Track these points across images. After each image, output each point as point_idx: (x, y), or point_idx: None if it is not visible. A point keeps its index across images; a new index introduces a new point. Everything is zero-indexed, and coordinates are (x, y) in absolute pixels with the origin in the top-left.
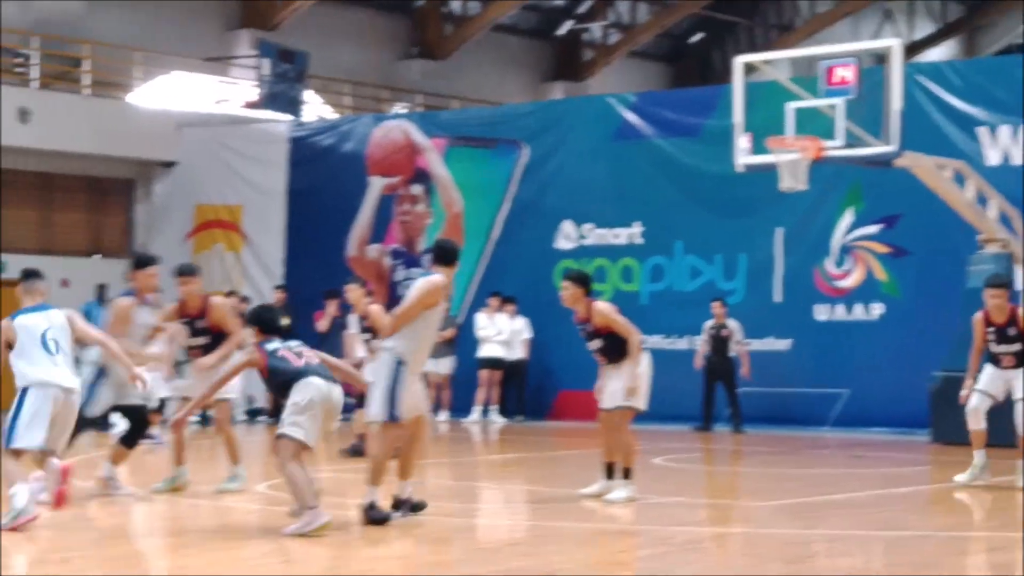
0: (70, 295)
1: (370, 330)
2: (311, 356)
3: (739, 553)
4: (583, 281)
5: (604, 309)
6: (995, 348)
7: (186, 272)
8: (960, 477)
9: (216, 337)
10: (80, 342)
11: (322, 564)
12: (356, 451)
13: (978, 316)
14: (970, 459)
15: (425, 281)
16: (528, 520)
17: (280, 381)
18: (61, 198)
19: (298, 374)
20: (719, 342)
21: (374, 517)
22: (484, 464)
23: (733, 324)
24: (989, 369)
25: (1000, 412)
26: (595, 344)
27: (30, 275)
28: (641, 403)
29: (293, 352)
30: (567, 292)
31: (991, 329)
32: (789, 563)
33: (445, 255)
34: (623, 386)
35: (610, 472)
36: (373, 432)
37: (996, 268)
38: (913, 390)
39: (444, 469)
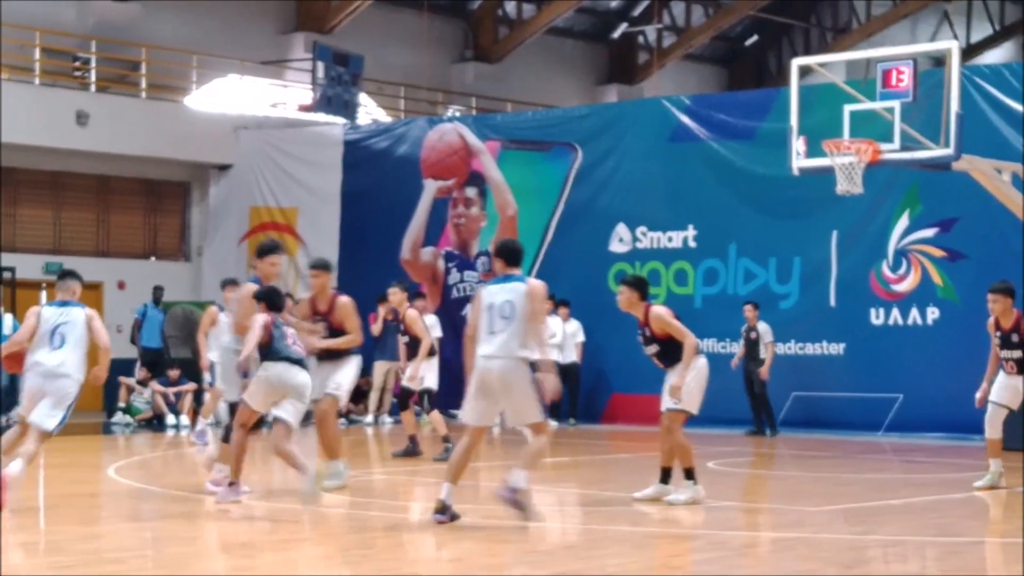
0: (126, 297)
1: (406, 333)
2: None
3: (795, 558)
4: (639, 285)
5: (661, 313)
6: (1001, 353)
7: (318, 266)
8: (979, 483)
9: (334, 335)
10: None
11: (376, 565)
12: (408, 453)
13: (991, 320)
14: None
15: (540, 288)
16: (582, 523)
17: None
18: (118, 201)
19: (274, 353)
20: (751, 345)
21: (519, 502)
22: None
23: (763, 327)
24: (1000, 377)
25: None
26: (652, 349)
27: (65, 275)
28: (692, 406)
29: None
30: (623, 296)
31: (997, 334)
32: (845, 568)
33: (516, 255)
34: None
35: (665, 477)
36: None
37: None
38: (968, 395)
39: (497, 472)
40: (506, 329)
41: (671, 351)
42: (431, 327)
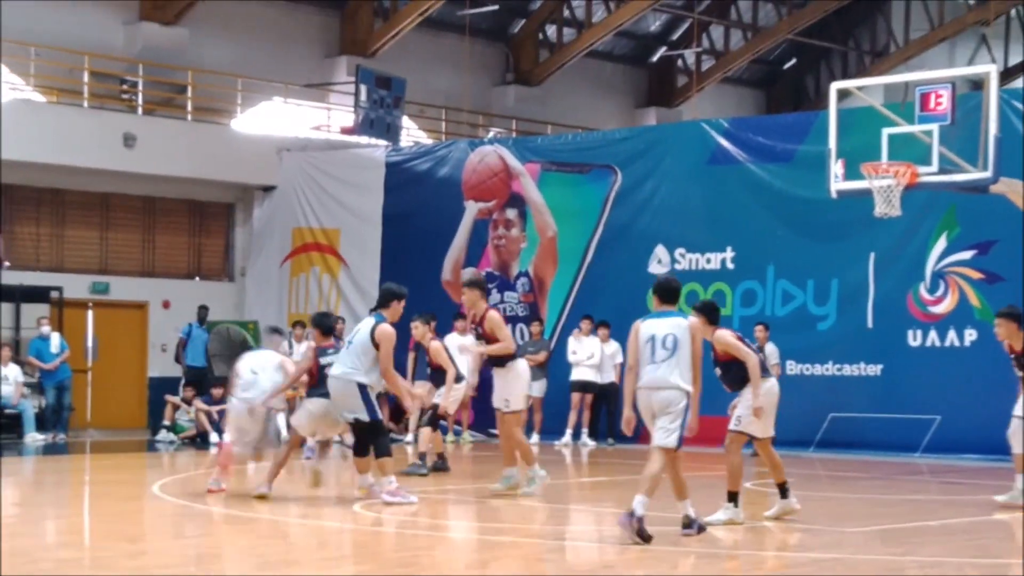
0: (171, 316)
1: (431, 365)
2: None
3: None
4: (705, 311)
5: (722, 336)
6: (1018, 374)
7: (465, 283)
8: (1000, 497)
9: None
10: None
11: None
12: (437, 468)
13: (1006, 343)
14: None
15: (698, 325)
16: (620, 543)
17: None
18: (163, 221)
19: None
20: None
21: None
22: (575, 486)
23: (770, 348)
24: (1021, 394)
25: None
26: (717, 372)
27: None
28: (752, 429)
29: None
30: (694, 323)
31: (1012, 356)
32: None
33: (672, 294)
34: (739, 411)
35: (783, 492)
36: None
37: None
38: (1005, 417)
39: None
40: (668, 360)
41: (734, 373)
42: (471, 346)
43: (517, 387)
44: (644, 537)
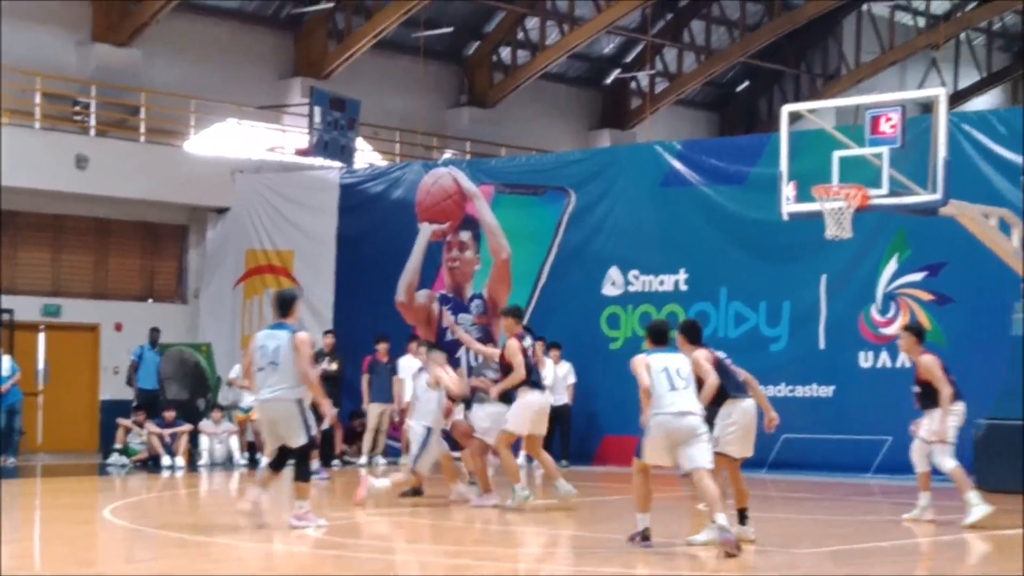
0: (123, 338)
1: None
2: None
3: None
4: (686, 331)
5: (696, 356)
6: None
7: (505, 313)
8: (907, 515)
9: (505, 371)
10: None
11: None
12: (415, 492)
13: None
14: (1013, 506)
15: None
16: (574, 565)
17: None
18: (116, 243)
19: None
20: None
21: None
22: (529, 508)
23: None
24: None
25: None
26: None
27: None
28: (732, 449)
29: None
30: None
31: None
32: None
33: (663, 336)
34: (715, 432)
35: (742, 518)
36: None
37: None
38: (957, 438)
39: (490, 513)
40: (687, 388)
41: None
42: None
43: (519, 412)
44: (738, 546)
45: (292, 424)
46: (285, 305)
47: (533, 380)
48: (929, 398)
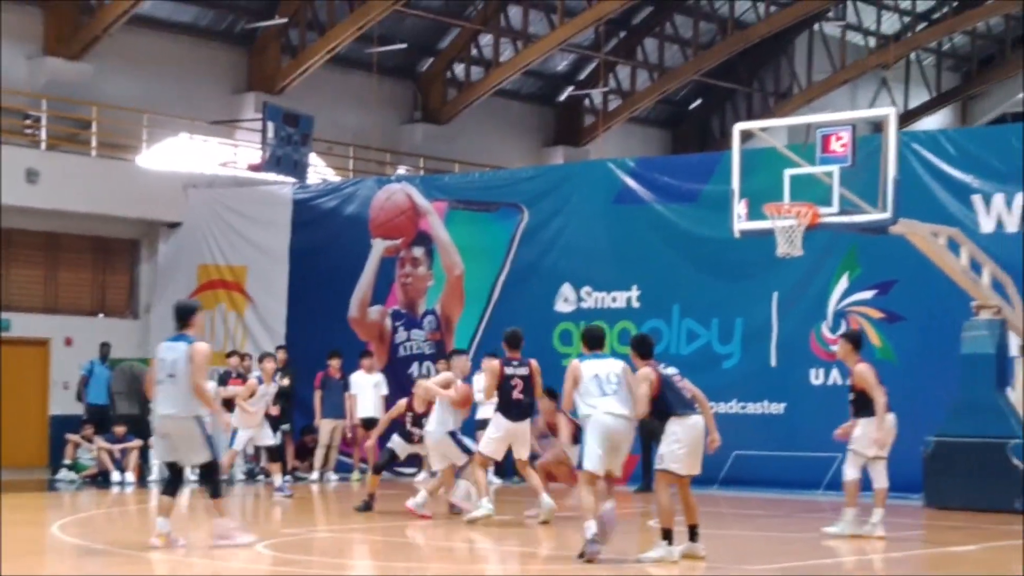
0: (73, 353)
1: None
2: None
3: None
4: (635, 345)
5: (640, 373)
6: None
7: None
8: (830, 529)
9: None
10: None
11: None
12: (367, 507)
13: None
14: (962, 523)
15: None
16: None
17: None
18: (67, 258)
19: None
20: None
21: None
22: (481, 524)
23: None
24: None
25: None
26: None
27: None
28: (677, 467)
29: None
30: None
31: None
32: None
33: (599, 341)
34: (660, 449)
35: (692, 534)
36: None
37: (989, 334)
38: (907, 454)
39: (439, 530)
40: (616, 394)
41: (656, 408)
42: (378, 385)
43: (487, 436)
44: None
45: (192, 443)
46: (184, 315)
47: (503, 405)
48: (863, 406)
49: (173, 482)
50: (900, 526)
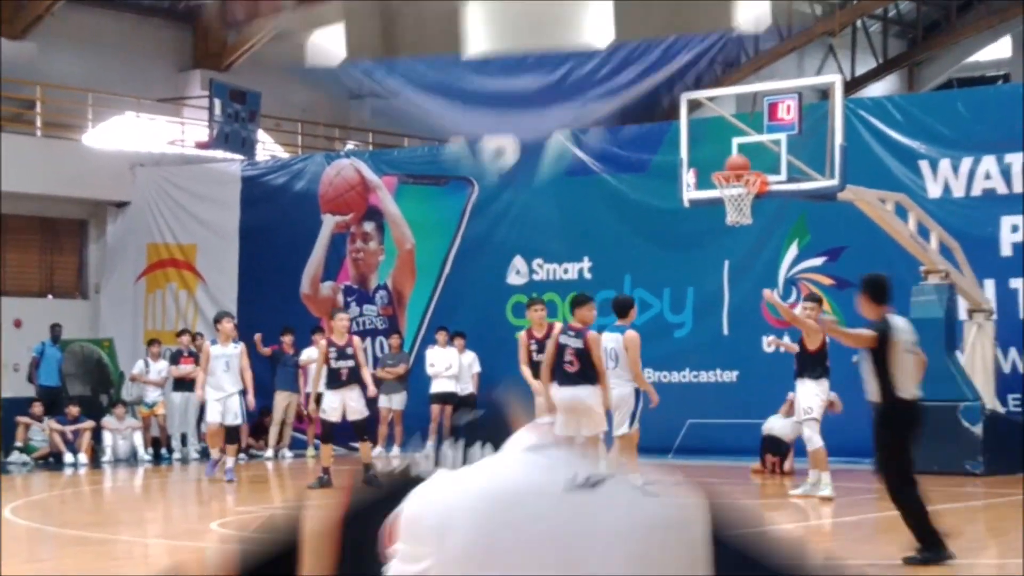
0: (23, 335)
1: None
2: None
3: None
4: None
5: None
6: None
7: (533, 300)
8: (795, 490)
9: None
10: None
11: None
12: (323, 484)
13: None
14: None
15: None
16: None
17: None
18: (13, 239)
19: None
20: None
21: None
22: None
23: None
24: None
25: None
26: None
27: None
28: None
29: None
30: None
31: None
32: None
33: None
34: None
35: None
36: None
37: (938, 299)
38: (858, 420)
39: None
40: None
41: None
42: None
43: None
44: None
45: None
46: None
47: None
48: (808, 367)
49: None
50: (852, 491)
